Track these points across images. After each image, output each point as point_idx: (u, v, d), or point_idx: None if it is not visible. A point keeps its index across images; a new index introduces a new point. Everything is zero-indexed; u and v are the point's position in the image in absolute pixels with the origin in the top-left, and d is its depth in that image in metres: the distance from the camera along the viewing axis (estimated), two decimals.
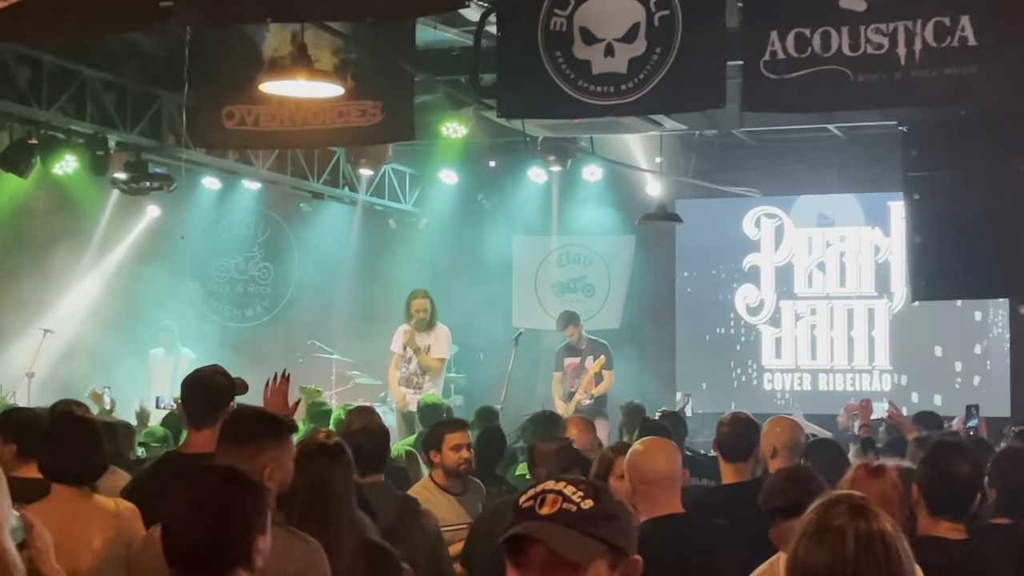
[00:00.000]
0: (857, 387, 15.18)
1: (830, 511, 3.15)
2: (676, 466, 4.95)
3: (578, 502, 2.39)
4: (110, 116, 11.60)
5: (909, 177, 11.76)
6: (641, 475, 4.85)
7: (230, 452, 4.22)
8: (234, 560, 3.25)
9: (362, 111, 9.50)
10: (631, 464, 4.91)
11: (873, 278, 15.31)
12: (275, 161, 13.73)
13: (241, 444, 4.25)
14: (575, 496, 2.40)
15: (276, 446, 4.30)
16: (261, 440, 4.28)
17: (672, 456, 4.96)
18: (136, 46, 11.48)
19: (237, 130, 9.86)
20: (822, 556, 3.06)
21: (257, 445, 4.25)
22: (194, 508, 3.25)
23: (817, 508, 3.20)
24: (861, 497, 3.23)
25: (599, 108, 9.10)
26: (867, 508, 3.16)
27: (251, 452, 4.19)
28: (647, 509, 4.80)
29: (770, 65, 8.56)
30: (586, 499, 2.40)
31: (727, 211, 15.61)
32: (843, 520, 3.10)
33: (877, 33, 8.33)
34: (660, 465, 4.89)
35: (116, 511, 4.88)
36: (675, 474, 4.93)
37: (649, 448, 4.99)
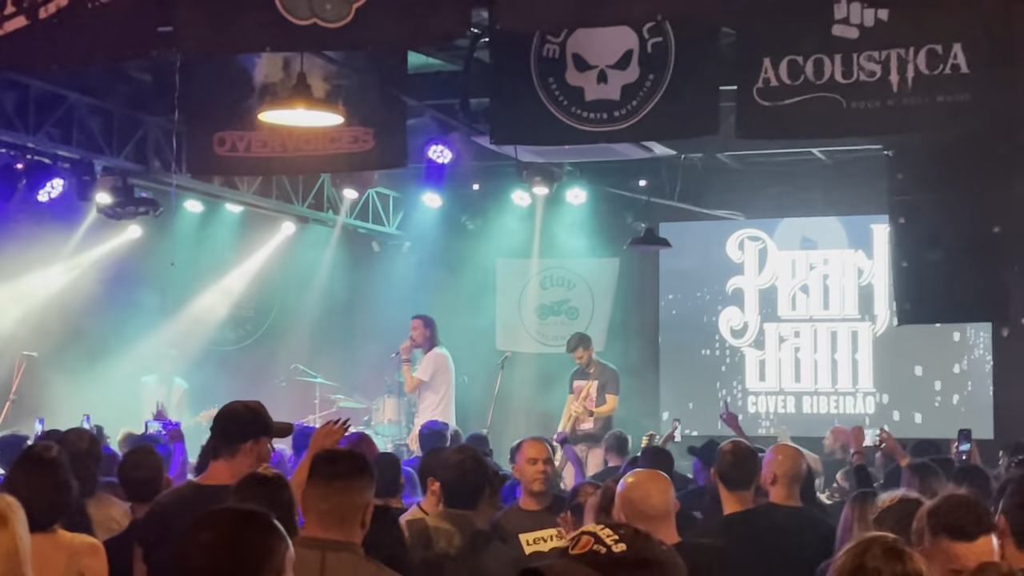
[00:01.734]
0: (841, 409, 15.23)
1: (865, 553, 3.17)
2: (670, 499, 4.96)
3: (610, 545, 2.38)
4: (96, 141, 11.56)
5: (894, 201, 11.81)
6: (634, 509, 4.84)
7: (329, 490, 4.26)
8: None
9: (354, 137, 9.50)
10: (624, 497, 4.91)
11: (856, 301, 15.37)
12: (260, 185, 13.70)
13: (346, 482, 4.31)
14: (608, 539, 2.40)
15: (372, 486, 4.39)
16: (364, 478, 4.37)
17: (666, 489, 4.97)
18: (122, 71, 11.44)
19: (229, 156, 9.84)
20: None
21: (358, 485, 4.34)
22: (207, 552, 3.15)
23: (851, 550, 3.21)
24: (895, 539, 3.25)
25: (592, 135, 9.13)
26: (902, 550, 3.18)
27: (359, 488, 4.29)
28: None
29: (763, 92, 8.61)
30: (620, 543, 2.39)
31: (711, 234, 15.64)
32: (879, 563, 3.12)
33: (870, 60, 8.38)
34: (654, 499, 4.89)
35: (70, 544, 4.87)
36: (669, 507, 4.93)
37: (642, 481, 4.98)
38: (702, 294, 15.82)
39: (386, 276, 16.23)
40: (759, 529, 6.09)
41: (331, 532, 4.19)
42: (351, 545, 4.23)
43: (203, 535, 3.19)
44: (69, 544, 4.89)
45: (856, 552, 3.19)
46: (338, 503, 4.24)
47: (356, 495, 4.28)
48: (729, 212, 15.27)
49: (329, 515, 4.22)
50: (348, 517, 4.24)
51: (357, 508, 4.25)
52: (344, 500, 4.24)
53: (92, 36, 6.91)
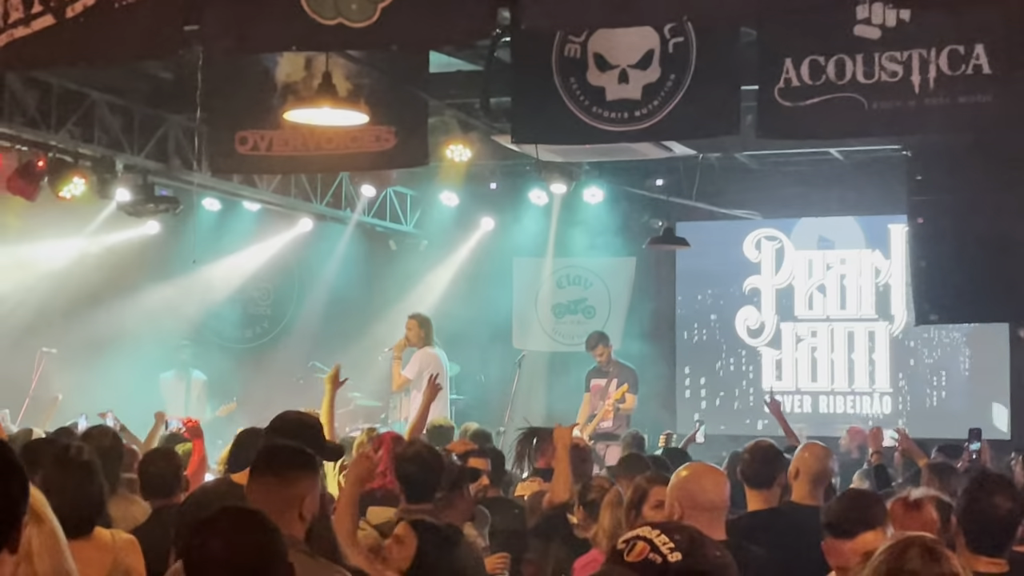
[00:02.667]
0: (857, 409, 15.22)
1: (903, 555, 3.16)
2: (725, 494, 4.96)
3: (666, 554, 2.37)
4: (117, 139, 11.61)
5: (913, 201, 11.84)
6: (692, 500, 4.84)
7: (265, 483, 4.26)
8: None
9: (376, 136, 9.52)
10: (681, 488, 4.90)
11: (873, 301, 15.36)
12: (279, 183, 13.73)
13: (278, 475, 4.28)
14: (664, 547, 2.38)
15: (310, 480, 4.33)
16: (297, 471, 4.32)
17: (722, 483, 4.97)
18: (144, 69, 11.49)
19: (250, 155, 9.87)
20: None
21: (294, 476, 4.28)
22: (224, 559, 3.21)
23: (889, 550, 3.21)
24: (933, 540, 3.25)
25: (613, 134, 9.14)
26: (940, 551, 3.17)
27: (289, 482, 4.24)
28: None
29: (784, 93, 8.60)
30: (675, 551, 2.37)
31: (728, 233, 15.64)
32: (916, 564, 3.12)
33: (892, 61, 8.38)
34: (711, 492, 4.89)
35: (112, 544, 4.88)
36: (724, 502, 4.94)
37: (701, 475, 4.98)
38: (718, 294, 15.82)
39: (403, 275, 16.26)
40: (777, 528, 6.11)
41: None
42: (291, 539, 4.08)
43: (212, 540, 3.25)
44: (111, 543, 4.89)
45: (894, 553, 3.18)
46: (275, 496, 4.17)
47: (292, 487, 4.21)
48: (746, 212, 15.27)
49: (267, 509, 4.00)
50: (286, 511, 4.15)
51: (294, 501, 4.18)
52: (281, 493, 4.18)
53: (118, 35, 6.94)
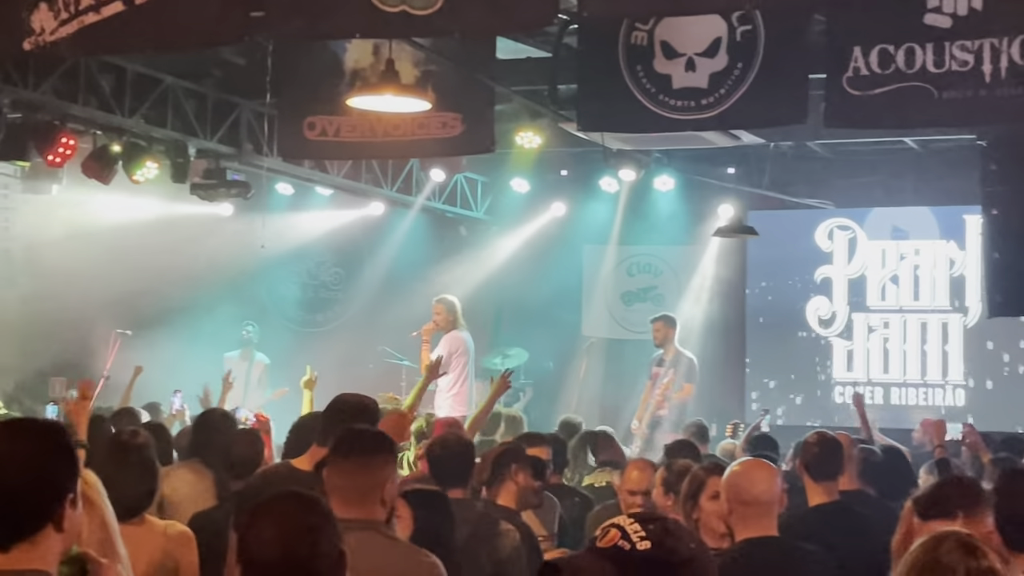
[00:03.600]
0: (930, 401, 15.06)
1: (939, 548, 3.13)
2: (776, 489, 4.88)
3: (635, 542, 2.31)
4: (190, 123, 11.75)
5: (987, 191, 11.65)
6: (740, 496, 4.81)
7: (346, 468, 4.25)
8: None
9: (442, 123, 9.55)
10: (731, 484, 4.87)
11: (948, 292, 15.18)
12: (350, 168, 13.83)
13: (360, 461, 4.28)
14: (635, 535, 2.32)
15: (393, 463, 4.36)
16: (379, 456, 4.32)
17: (773, 479, 4.91)
18: (216, 55, 11.62)
19: (319, 140, 9.94)
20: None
21: (376, 461, 4.29)
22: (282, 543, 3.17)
23: (925, 544, 3.18)
24: (969, 534, 3.22)
25: (679, 123, 9.11)
26: (977, 546, 3.14)
27: (371, 467, 4.25)
28: (742, 530, 4.78)
29: (853, 81, 8.51)
30: (645, 540, 2.31)
31: (800, 223, 15.53)
32: (954, 558, 3.08)
33: (962, 50, 8.26)
34: (760, 488, 4.84)
35: (164, 533, 4.91)
36: (774, 498, 4.86)
37: (750, 470, 4.94)
38: (790, 283, 15.71)
39: (473, 261, 16.30)
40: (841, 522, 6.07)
41: (352, 510, 4.09)
42: (373, 523, 4.17)
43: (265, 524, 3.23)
44: (163, 532, 4.92)
45: (930, 546, 3.15)
46: (357, 481, 4.19)
47: (376, 472, 4.22)
48: (819, 201, 15.14)
49: (349, 493, 4.16)
50: (368, 494, 4.18)
51: (377, 485, 4.19)
52: (363, 477, 4.19)
53: (186, 20, 7.03)
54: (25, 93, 10.36)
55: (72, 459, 3.01)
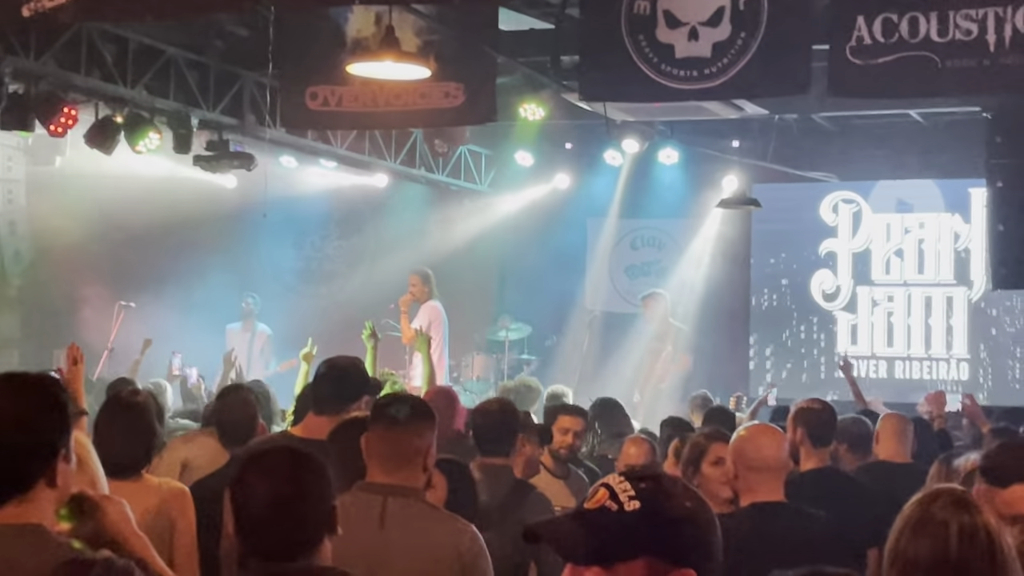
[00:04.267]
0: (934, 375, 15.05)
1: (932, 504, 3.14)
2: (783, 454, 4.90)
3: (623, 502, 2.19)
4: (193, 95, 11.72)
5: (992, 164, 11.64)
6: (747, 461, 4.80)
7: (387, 434, 4.23)
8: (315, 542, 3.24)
9: (445, 93, 9.53)
10: (737, 449, 4.87)
11: (952, 265, 15.15)
12: (353, 140, 13.80)
13: (400, 427, 4.25)
14: (623, 495, 2.20)
15: (433, 428, 4.33)
16: (419, 422, 4.30)
17: (780, 444, 4.91)
18: (219, 25, 11.57)
19: (321, 110, 9.92)
20: (924, 548, 3.06)
21: (416, 428, 4.27)
22: (272, 494, 3.21)
23: (919, 501, 3.19)
24: (963, 491, 3.22)
25: (682, 92, 9.06)
26: (970, 502, 3.15)
27: (419, 431, 4.23)
28: (749, 495, 4.79)
29: (856, 51, 8.48)
30: (634, 500, 2.19)
31: (804, 196, 15.50)
32: (947, 513, 3.09)
33: (966, 19, 8.23)
34: (766, 452, 4.83)
35: (159, 490, 4.91)
36: (781, 463, 4.87)
37: (756, 434, 4.94)
38: (794, 256, 15.69)
39: (476, 234, 16.28)
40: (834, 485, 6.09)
41: (392, 477, 4.14)
42: (413, 490, 4.18)
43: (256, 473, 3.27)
44: (158, 489, 4.92)
45: (924, 502, 3.15)
46: (399, 448, 4.19)
47: (416, 439, 4.21)
48: (823, 174, 15.10)
49: (390, 460, 4.17)
50: (410, 461, 4.19)
51: (418, 452, 4.19)
52: (405, 444, 4.19)
53: None
54: (27, 63, 10.32)
55: (64, 415, 3.01)
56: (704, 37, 8.89)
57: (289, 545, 3.19)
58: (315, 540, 3.22)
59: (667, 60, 8.97)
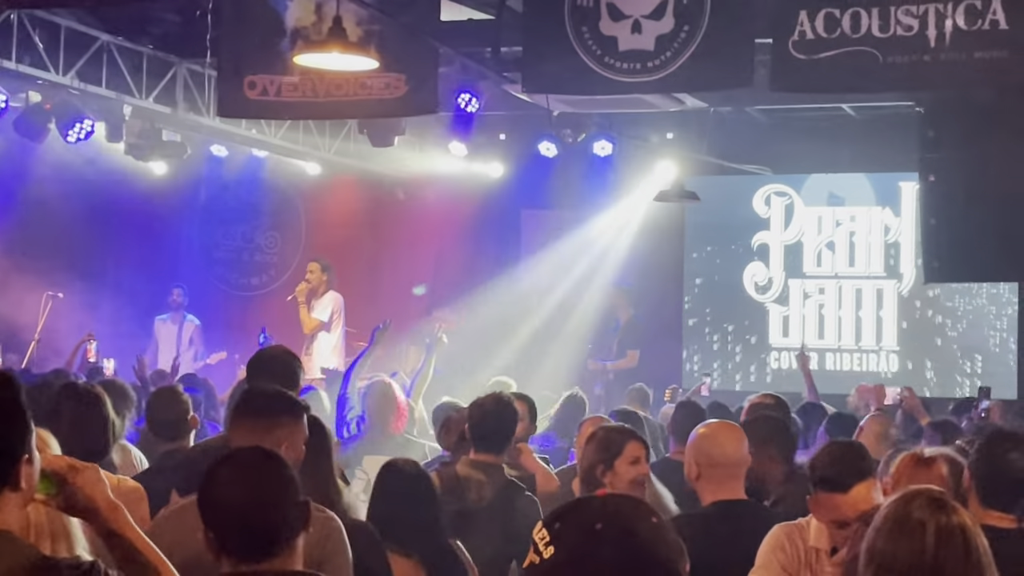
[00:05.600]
0: (864, 367, 15.20)
1: (910, 504, 3.16)
2: (743, 451, 4.90)
3: (542, 551, 2.24)
4: (125, 82, 11.55)
5: (924, 158, 11.73)
6: (709, 458, 4.80)
7: (246, 427, 4.19)
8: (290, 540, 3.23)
9: (386, 83, 9.47)
10: (697, 447, 4.86)
11: (882, 258, 15.30)
12: (287, 130, 13.67)
13: (256, 420, 4.21)
14: (541, 543, 2.25)
15: (292, 424, 4.25)
16: (279, 417, 4.23)
17: (740, 441, 4.92)
18: (153, 12, 11.42)
19: (259, 100, 9.81)
20: (902, 549, 3.08)
21: (274, 422, 4.20)
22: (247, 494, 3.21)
23: (896, 501, 3.20)
24: (940, 491, 3.25)
25: (625, 85, 9.09)
26: (947, 502, 3.17)
27: (265, 428, 4.15)
28: (712, 492, 4.79)
29: (799, 45, 8.55)
30: (548, 546, 2.23)
31: (737, 188, 15.57)
32: (924, 513, 3.11)
33: (907, 15, 8.32)
34: (728, 449, 4.84)
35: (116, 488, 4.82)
36: (742, 459, 4.87)
37: (717, 431, 4.94)
38: (727, 249, 15.76)
39: (411, 225, 16.20)
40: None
41: None
42: None
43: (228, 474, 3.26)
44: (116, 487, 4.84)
45: (901, 503, 3.17)
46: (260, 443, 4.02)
47: (279, 433, 4.11)
48: (757, 167, 15.18)
49: None
50: None
51: (274, 446, 4.00)
52: (266, 440, 3.99)
53: None
54: None
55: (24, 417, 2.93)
56: (647, 30, 8.92)
57: (264, 544, 3.17)
58: (290, 538, 3.21)
59: (610, 53, 8.99)
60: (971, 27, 8.19)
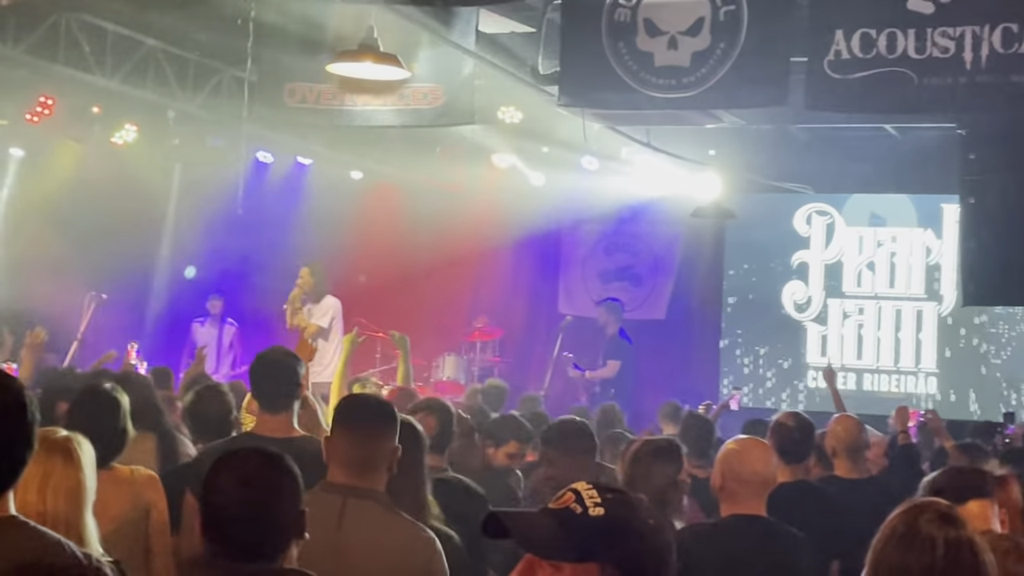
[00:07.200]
0: (902, 388, 15.13)
1: (919, 517, 3.14)
2: (768, 470, 4.91)
3: (588, 507, 2.24)
4: (171, 87, 11.68)
5: (965, 180, 11.69)
6: (736, 474, 4.82)
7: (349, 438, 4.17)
8: (283, 546, 3.24)
9: (424, 94, 9.55)
10: (726, 460, 4.88)
11: (923, 280, 15.23)
12: (330, 137, 13.77)
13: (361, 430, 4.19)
14: (589, 500, 2.25)
15: (395, 431, 4.26)
16: (390, 424, 4.27)
17: (767, 460, 4.93)
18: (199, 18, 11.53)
19: (298, 107, 9.93)
20: (911, 562, 3.06)
21: (388, 429, 4.24)
22: (245, 495, 3.22)
23: (904, 513, 3.17)
24: (948, 505, 3.24)
25: (660, 101, 9.10)
26: (955, 516, 3.15)
27: (381, 434, 4.18)
28: (730, 506, 4.80)
29: (834, 65, 8.54)
30: (599, 507, 2.24)
31: (778, 207, 15.55)
32: (933, 528, 3.09)
33: (944, 36, 8.29)
34: (754, 466, 4.85)
35: (131, 478, 4.92)
36: (768, 478, 4.89)
37: (746, 448, 4.96)
38: (767, 266, 15.73)
39: (453, 234, 16.27)
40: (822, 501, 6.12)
41: (354, 479, 4.08)
42: (374, 492, 4.11)
43: (228, 474, 3.27)
44: (131, 478, 4.93)
45: (910, 516, 3.14)
46: (365, 451, 4.12)
47: (384, 442, 4.15)
48: (798, 185, 15.15)
49: (354, 463, 4.11)
50: (374, 465, 4.12)
51: (384, 456, 4.13)
52: (371, 448, 4.12)
53: None
54: (3, 50, 10.27)
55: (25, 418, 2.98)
56: (683, 46, 8.94)
57: (258, 546, 3.19)
58: (284, 543, 3.22)
59: (646, 68, 9.01)
60: (1007, 50, 8.16)
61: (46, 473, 3.80)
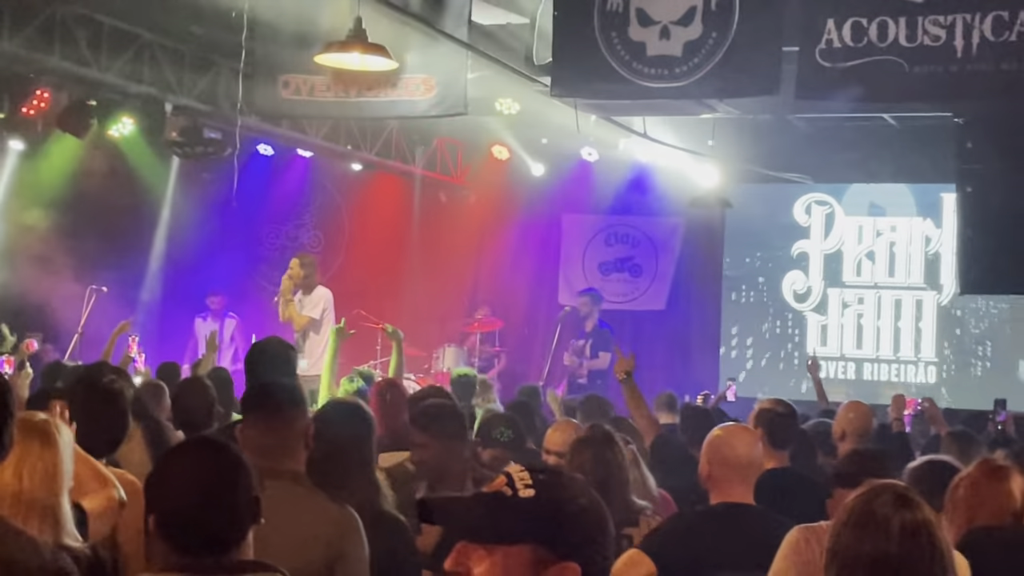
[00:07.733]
0: (902, 378, 15.13)
1: (874, 500, 3.12)
2: (755, 455, 4.89)
3: (519, 488, 2.21)
4: (167, 80, 11.69)
5: (962, 169, 11.69)
6: (723, 458, 4.80)
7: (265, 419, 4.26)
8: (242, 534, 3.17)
9: (417, 84, 9.56)
10: (712, 447, 4.87)
11: (922, 269, 15.23)
12: (329, 130, 13.80)
13: (274, 414, 4.28)
14: (520, 482, 2.22)
15: (304, 414, 4.36)
16: (300, 406, 4.35)
17: (753, 445, 4.92)
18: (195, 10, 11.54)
19: (293, 99, 9.95)
20: (866, 545, 3.05)
21: (297, 411, 4.31)
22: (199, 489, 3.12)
23: (861, 497, 3.16)
24: (905, 487, 3.23)
25: (652, 90, 9.12)
26: (912, 498, 3.14)
27: (292, 417, 4.26)
28: (720, 493, 4.81)
29: (826, 53, 8.55)
30: (529, 488, 2.21)
31: (777, 197, 15.56)
32: (888, 510, 3.07)
33: (935, 25, 8.30)
34: (740, 451, 4.83)
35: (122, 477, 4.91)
36: (752, 463, 4.86)
37: (732, 432, 4.95)
38: (766, 256, 15.74)
39: (452, 226, 16.30)
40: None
41: (269, 461, 4.06)
42: (290, 472, 4.16)
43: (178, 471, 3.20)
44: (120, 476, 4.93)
45: (866, 498, 3.13)
46: (277, 437, 4.19)
47: (295, 423, 4.23)
48: (797, 175, 15.14)
49: (268, 448, 4.15)
50: (288, 447, 4.19)
51: (296, 436, 4.20)
52: (282, 433, 4.18)
53: None
54: None
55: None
56: (675, 36, 8.95)
57: (216, 539, 3.11)
58: (242, 533, 3.15)
59: (638, 58, 9.02)
60: (998, 38, 8.16)
61: (23, 454, 3.79)
